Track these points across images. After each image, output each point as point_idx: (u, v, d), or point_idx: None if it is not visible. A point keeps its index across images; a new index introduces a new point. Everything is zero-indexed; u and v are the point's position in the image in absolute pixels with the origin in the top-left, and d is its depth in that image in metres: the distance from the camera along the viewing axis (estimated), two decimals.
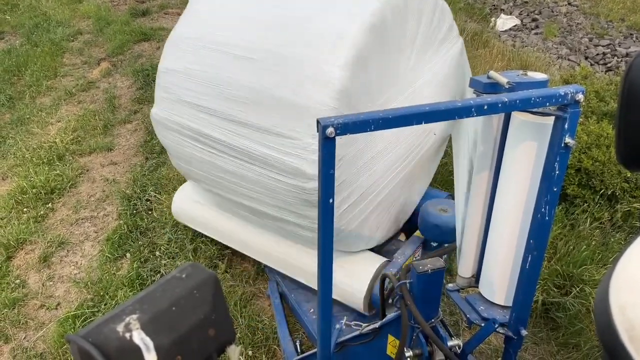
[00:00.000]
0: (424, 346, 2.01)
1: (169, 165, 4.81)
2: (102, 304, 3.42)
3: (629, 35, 8.11)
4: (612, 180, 3.77)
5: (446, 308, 3.27)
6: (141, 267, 3.69)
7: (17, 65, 7.14)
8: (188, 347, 0.68)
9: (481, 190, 2.05)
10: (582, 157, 3.84)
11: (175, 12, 9.29)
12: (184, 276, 0.73)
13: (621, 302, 0.55)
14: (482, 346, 3.01)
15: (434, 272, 1.86)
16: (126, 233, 4.04)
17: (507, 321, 1.99)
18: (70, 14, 9.15)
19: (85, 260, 3.90)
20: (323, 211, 1.49)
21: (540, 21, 8.74)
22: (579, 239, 3.58)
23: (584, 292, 3.20)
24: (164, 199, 4.38)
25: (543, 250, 1.79)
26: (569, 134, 1.56)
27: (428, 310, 1.94)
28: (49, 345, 3.20)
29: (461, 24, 7.39)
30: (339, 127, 1.37)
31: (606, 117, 4.26)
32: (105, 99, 6.29)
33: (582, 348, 3.01)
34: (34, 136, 5.53)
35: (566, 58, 7.35)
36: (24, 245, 4.06)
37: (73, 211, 4.42)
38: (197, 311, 0.70)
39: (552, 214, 1.71)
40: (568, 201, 3.90)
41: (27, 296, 3.60)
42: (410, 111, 1.43)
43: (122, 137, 5.57)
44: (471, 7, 9.23)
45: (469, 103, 1.46)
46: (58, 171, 4.85)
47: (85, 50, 7.78)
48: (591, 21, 8.70)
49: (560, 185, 1.67)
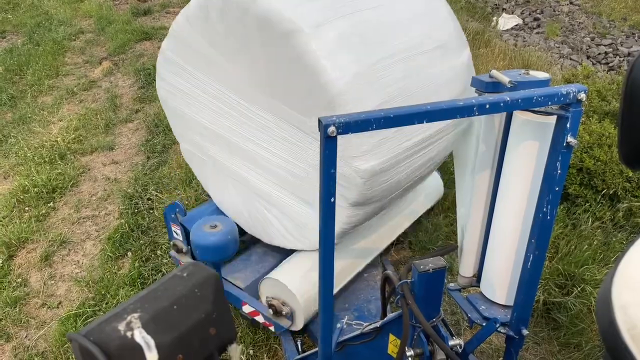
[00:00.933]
0: (425, 345, 2.00)
1: (171, 164, 4.81)
2: (103, 303, 3.42)
3: (631, 35, 8.09)
4: (613, 179, 3.77)
5: (447, 307, 3.26)
6: (142, 266, 3.69)
7: (18, 64, 7.15)
8: (189, 346, 0.68)
9: (483, 189, 2.05)
10: (584, 157, 3.84)
11: (177, 11, 9.28)
12: (186, 275, 0.73)
13: (623, 301, 0.55)
14: (483, 346, 3.01)
15: (435, 272, 1.85)
16: (127, 232, 4.04)
17: (508, 321, 1.99)
18: (71, 13, 9.16)
19: (87, 259, 3.91)
20: (324, 209, 1.49)
21: (542, 20, 8.73)
22: (580, 238, 3.57)
23: (585, 292, 3.19)
24: (166, 197, 4.38)
25: (544, 249, 1.79)
26: (570, 133, 1.56)
27: (429, 309, 1.94)
28: (50, 344, 3.21)
29: (463, 23, 7.38)
30: (340, 126, 1.37)
31: (608, 116, 4.25)
32: (106, 98, 6.30)
33: (584, 348, 3.00)
34: (35, 135, 5.54)
35: (568, 57, 7.33)
36: (25, 244, 4.07)
37: (74, 210, 4.42)
38: (198, 310, 0.70)
39: (553, 213, 1.70)
40: (570, 201, 3.89)
41: (29, 295, 3.61)
42: (412, 110, 1.43)
43: (123, 136, 5.57)
44: (473, 6, 9.22)
45: (471, 102, 1.46)
46: (60, 170, 4.86)
47: (86, 50, 7.79)
48: (593, 20, 8.68)
49: (561, 185, 1.67)
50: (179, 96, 3.02)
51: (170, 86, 3.03)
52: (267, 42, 2.35)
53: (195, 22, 2.65)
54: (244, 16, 2.37)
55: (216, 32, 2.57)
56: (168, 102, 3.13)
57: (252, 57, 2.47)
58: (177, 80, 2.96)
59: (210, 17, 2.55)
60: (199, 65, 2.79)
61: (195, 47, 2.74)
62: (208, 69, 2.76)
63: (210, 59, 2.70)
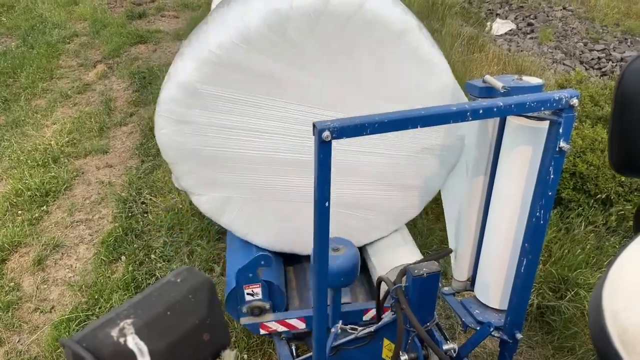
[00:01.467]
0: (420, 350, 2.01)
1: (165, 167, 4.80)
2: (96, 307, 3.40)
3: (624, 40, 8.17)
4: (606, 184, 3.79)
5: (442, 311, 3.27)
6: (136, 270, 3.67)
7: (12, 67, 7.12)
8: (183, 352, 0.68)
9: (476, 194, 2.06)
10: (577, 161, 3.86)
11: (172, 14, 9.29)
12: (179, 280, 0.73)
13: (614, 306, 0.55)
14: (477, 350, 3.01)
15: (430, 276, 1.86)
16: (121, 236, 4.03)
17: (502, 325, 1.99)
18: (66, 16, 9.14)
19: (80, 263, 3.89)
20: (319, 213, 1.49)
21: (536, 26, 8.80)
22: (573, 242, 3.59)
23: (578, 296, 3.21)
24: (160, 201, 4.37)
25: (538, 254, 1.80)
26: (563, 139, 1.57)
27: (423, 313, 1.94)
28: (43, 348, 3.18)
29: (457, 28, 7.43)
30: (334, 130, 1.37)
31: (601, 121, 4.28)
32: (101, 102, 6.28)
33: (577, 351, 3.02)
34: (29, 138, 5.51)
35: (561, 62, 7.39)
36: (18, 248, 4.04)
37: (68, 214, 4.40)
38: (192, 316, 0.70)
39: (547, 217, 1.71)
40: (563, 205, 3.91)
41: (22, 299, 3.58)
42: (406, 115, 1.44)
43: (117, 140, 5.55)
44: (467, 12, 9.28)
45: (464, 107, 1.47)
46: (53, 173, 4.84)
47: (81, 53, 7.77)
48: (586, 26, 8.76)
49: (555, 189, 1.68)
50: (210, 135, 2.59)
51: (194, 127, 2.55)
52: (377, 43, 2.47)
53: (260, 43, 2.42)
54: (346, 23, 2.41)
55: (293, 48, 2.46)
56: (185, 146, 2.60)
57: (354, 62, 2.51)
58: (210, 116, 2.54)
59: (288, 35, 2.42)
60: (254, 88, 2.52)
61: (252, 69, 2.47)
62: (270, 89, 2.53)
63: (275, 77, 2.51)
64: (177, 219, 4.06)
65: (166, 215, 4.14)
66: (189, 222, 4.00)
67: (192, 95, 2.46)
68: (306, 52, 2.46)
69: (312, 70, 2.51)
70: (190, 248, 3.80)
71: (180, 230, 3.96)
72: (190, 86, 2.43)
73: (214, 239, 3.85)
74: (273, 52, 2.46)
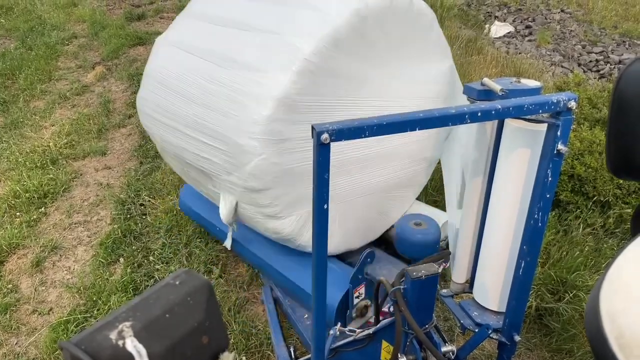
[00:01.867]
0: (418, 352, 2.01)
1: (164, 169, 4.80)
2: (95, 309, 3.40)
3: (622, 42, 8.19)
4: (604, 186, 3.80)
5: (440, 314, 3.27)
6: (135, 272, 3.67)
7: (11, 68, 7.12)
8: (182, 355, 0.68)
9: (475, 196, 2.06)
10: (575, 164, 3.87)
11: (171, 16, 9.30)
12: (178, 283, 0.73)
13: (611, 309, 0.56)
14: (475, 352, 3.01)
15: (428, 278, 1.86)
16: (120, 238, 4.02)
17: (500, 327, 1.99)
18: (65, 17, 9.14)
19: (78, 265, 3.88)
20: (317, 216, 1.49)
21: (534, 28, 8.82)
22: (572, 244, 3.60)
23: (577, 298, 3.21)
24: (158, 203, 4.36)
25: (536, 256, 1.80)
26: (561, 141, 1.57)
27: (422, 316, 1.94)
28: (41, 350, 3.18)
29: (456, 31, 7.44)
30: (333, 133, 1.38)
31: (599, 123, 4.29)
32: (99, 103, 6.28)
33: (576, 354, 3.02)
34: (27, 140, 5.51)
35: (559, 65, 7.41)
36: (16, 249, 4.04)
37: (66, 215, 4.39)
38: (190, 318, 0.70)
39: (545, 220, 1.72)
40: (561, 207, 3.92)
41: (19, 301, 3.57)
42: (405, 118, 1.44)
43: (116, 142, 5.55)
44: (465, 14, 9.30)
45: (462, 110, 1.48)
46: (51, 175, 4.83)
47: (80, 54, 7.77)
48: (584, 28, 8.78)
49: (553, 192, 1.68)
50: (306, 148, 2.44)
51: (293, 144, 2.39)
52: (418, 33, 2.72)
53: (347, 45, 2.40)
54: (404, 17, 2.60)
55: (368, 46, 2.50)
56: (282, 167, 2.41)
57: (405, 53, 2.72)
58: (306, 128, 2.37)
59: (367, 33, 2.45)
60: (341, 91, 2.48)
61: (341, 73, 2.44)
62: (351, 89, 2.52)
63: (353, 77, 2.50)
64: (176, 221, 4.05)
65: (165, 217, 4.14)
66: (188, 223, 4.00)
67: (293, 110, 2.32)
68: (376, 48, 2.58)
69: (382, 66, 2.65)
70: (189, 250, 3.80)
71: (179, 232, 3.96)
72: (290, 100, 2.28)
73: (212, 240, 3.85)
74: (356, 53, 2.49)
